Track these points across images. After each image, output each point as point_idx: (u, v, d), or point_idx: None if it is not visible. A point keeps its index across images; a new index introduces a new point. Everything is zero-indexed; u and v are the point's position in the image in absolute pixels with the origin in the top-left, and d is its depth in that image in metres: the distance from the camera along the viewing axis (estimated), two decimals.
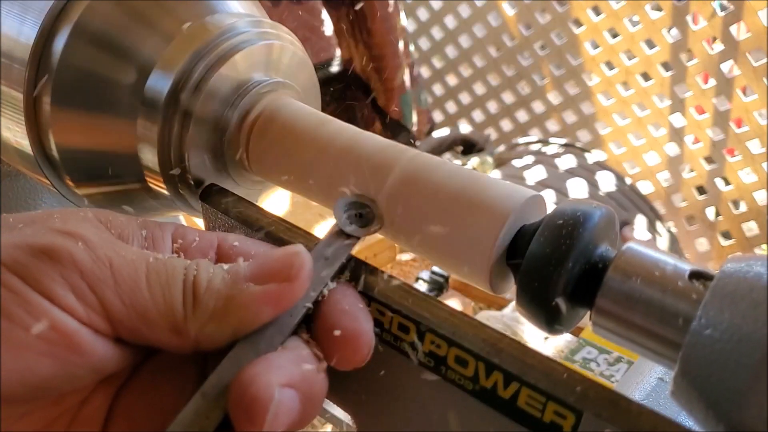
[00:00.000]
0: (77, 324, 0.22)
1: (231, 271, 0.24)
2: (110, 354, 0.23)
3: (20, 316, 0.21)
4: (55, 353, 0.21)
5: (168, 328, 0.23)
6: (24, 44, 0.32)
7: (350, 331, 0.24)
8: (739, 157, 1.29)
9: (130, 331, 0.23)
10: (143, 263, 0.23)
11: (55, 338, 0.21)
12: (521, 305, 0.26)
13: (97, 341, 0.22)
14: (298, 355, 0.23)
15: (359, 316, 0.25)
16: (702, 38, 1.25)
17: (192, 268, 0.24)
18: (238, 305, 0.23)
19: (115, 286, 0.22)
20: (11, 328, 0.21)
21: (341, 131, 0.31)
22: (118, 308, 0.22)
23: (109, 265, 0.23)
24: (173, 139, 0.31)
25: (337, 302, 0.25)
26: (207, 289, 0.23)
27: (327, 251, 0.26)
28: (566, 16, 1.41)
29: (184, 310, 0.23)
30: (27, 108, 0.33)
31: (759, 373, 0.20)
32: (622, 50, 1.36)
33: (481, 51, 1.58)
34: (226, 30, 0.32)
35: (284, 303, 0.23)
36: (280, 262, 0.24)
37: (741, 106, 1.24)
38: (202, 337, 0.23)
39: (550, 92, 1.52)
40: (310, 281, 0.24)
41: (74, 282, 0.22)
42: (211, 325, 0.23)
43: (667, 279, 0.23)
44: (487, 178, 0.28)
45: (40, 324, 0.21)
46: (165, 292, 0.23)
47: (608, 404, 0.22)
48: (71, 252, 0.22)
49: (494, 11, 1.52)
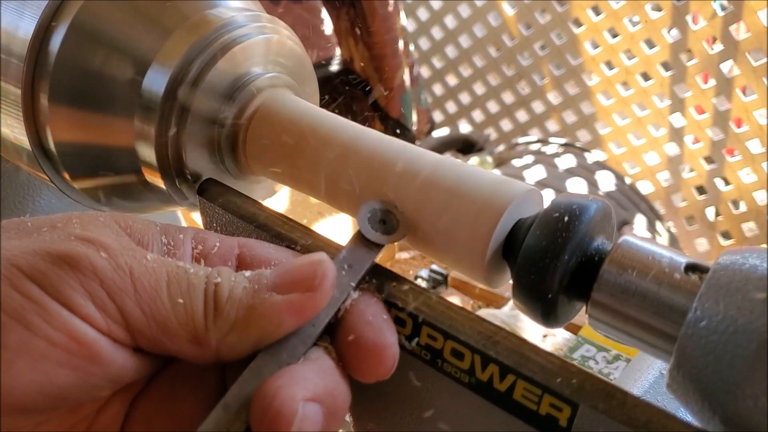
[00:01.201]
0: (96, 334, 0.22)
1: (253, 279, 0.23)
2: (129, 364, 0.23)
3: (39, 326, 0.21)
4: (73, 363, 0.21)
5: (188, 338, 0.22)
6: (22, 40, 0.32)
7: (374, 343, 0.23)
8: (739, 157, 1.29)
9: (150, 340, 0.23)
10: (164, 271, 0.23)
11: (74, 348, 0.21)
12: (517, 299, 0.26)
13: (116, 351, 0.22)
14: (321, 366, 0.23)
15: (383, 328, 0.24)
16: (702, 38, 1.25)
17: (213, 277, 0.23)
18: (260, 315, 0.22)
19: (135, 295, 0.22)
20: (30, 338, 0.21)
21: (341, 127, 0.31)
22: (138, 318, 0.22)
23: (129, 273, 0.22)
24: (171, 134, 0.31)
25: (360, 313, 0.24)
26: (229, 299, 0.23)
27: (350, 259, 0.26)
28: (566, 16, 1.41)
29: (205, 320, 0.22)
30: (25, 103, 0.33)
31: (754, 365, 0.20)
32: (622, 50, 1.36)
33: (481, 51, 1.58)
34: (224, 24, 0.32)
35: (307, 313, 0.23)
36: (303, 272, 0.23)
37: (741, 106, 1.24)
38: (224, 348, 0.23)
39: (550, 92, 1.52)
40: (334, 291, 0.24)
41: (94, 291, 0.22)
42: (232, 335, 0.22)
43: (662, 272, 0.24)
44: (483, 172, 0.28)
45: (59, 334, 0.21)
46: (186, 301, 0.22)
47: (604, 396, 0.22)
48: (91, 260, 0.22)
49: (494, 11, 1.52)
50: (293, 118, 0.32)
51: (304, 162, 0.31)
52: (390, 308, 0.26)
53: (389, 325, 0.24)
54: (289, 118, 0.32)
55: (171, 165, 0.32)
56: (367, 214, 0.27)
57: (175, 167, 0.32)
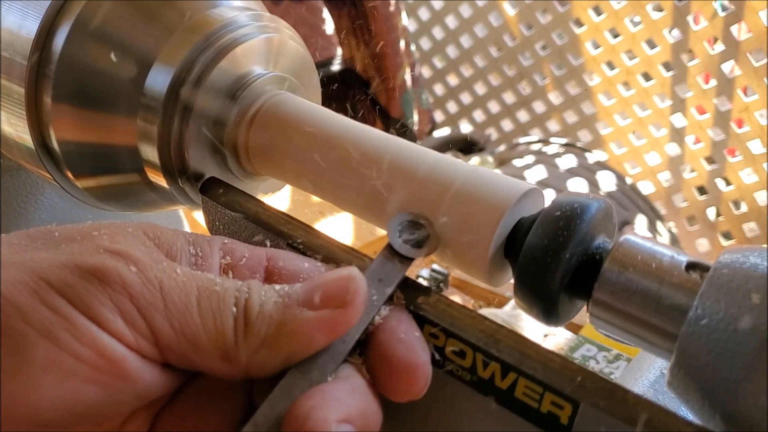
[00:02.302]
0: (125, 350, 0.21)
1: (283, 294, 0.23)
2: (157, 380, 0.22)
3: (67, 341, 0.20)
4: (101, 380, 0.21)
5: (218, 354, 0.22)
6: (25, 39, 0.32)
7: (407, 362, 0.23)
8: (740, 157, 1.29)
9: (178, 356, 0.22)
10: (194, 286, 0.22)
11: (102, 365, 0.21)
12: (519, 297, 0.26)
13: (144, 367, 0.22)
14: (352, 385, 0.22)
15: (416, 346, 0.23)
16: (703, 38, 1.25)
17: (243, 291, 0.23)
18: (290, 332, 0.22)
19: (165, 311, 0.22)
20: (58, 354, 0.20)
21: (343, 125, 0.31)
22: (167, 333, 0.22)
23: (159, 288, 0.22)
24: (173, 134, 0.32)
25: (392, 329, 0.24)
26: (259, 314, 0.22)
27: (380, 273, 0.25)
28: (567, 16, 1.41)
29: (235, 336, 0.22)
30: (28, 102, 0.33)
31: (754, 363, 0.20)
32: (623, 50, 1.36)
33: (482, 51, 1.58)
34: (227, 24, 0.32)
35: (339, 330, 0.22)
36: (335, 287, 0.23)
37: (742, 107, 1.24)
38: (253, 365, 0.22)
39: (551, 92, 1.52)
40: (365, 306, 0.23)
41: (123, 306, 0.21)
42: (262, 352, 0.22)
43: (663, 270, 0.24)
44: (485, 171, 0.28)
45: (87, 350, 0.21)
46: (216, 317, 0.22)
47: (605, 394, 0.22)
48: (121, 274, 0.22)
49: (495, 11, 1.52)
50: (295, 117, 0.32)
51: (306, 161, 0.31)
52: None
53: (421, 342, 0.24)
54: (291, 118, 0.32)
55: (174, 164, 0.32)
56: (397, 227, 0.27)
57: (178, 166, 0.32)
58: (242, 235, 0.31)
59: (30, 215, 0.45)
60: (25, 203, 0.44)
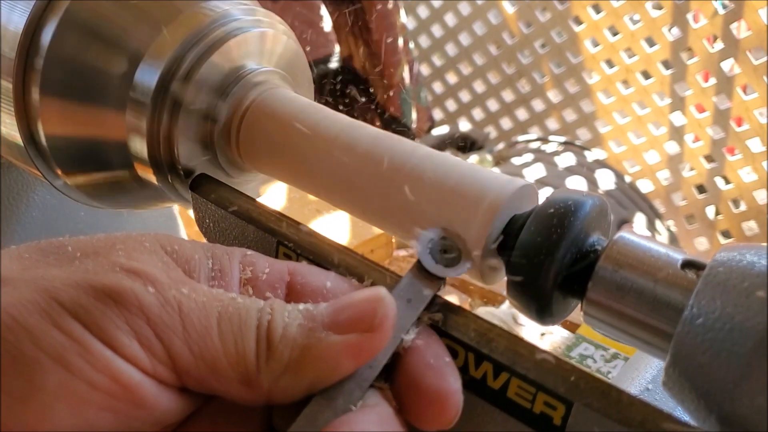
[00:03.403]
0: (141, 376, 0.20)
1: (307, 315, 0.22)
2: (174, 405, 0.21)
3: (81, 368, 0.19)
4: (116, 408, 0.20)
5: (239, 379, 0.21)
6: (13, 33, 0.32)
7: (437, 391, 0.22)
8: (740, 155, 1.29)
9: (197, 381, 0.21)
10: (215, 307, 0.21)
11: (117, 392, 0.20)
12: (512, 295, 0.26)
13: (161, 393, 0.21)
14: (380, 415, 0.21)
15: (446, 372, 0.22)
16: (702, 36, 1.25)
17: (266, 312, 0.22)
18: (315, 357, 0.21)
19: (183, 334, 0.21)
20: (71, 380, 0.19)
21: (335, 121, 0.31)
22: (185, 358, 0.21)
23: (178, 309, 0.21)
24: (162, 129, 0.31)
25: (421, 354, 0.22)
26: (282, 338, 0.21)
27: (409, 293, 0.24)
28: (566, 14, 1.41)
29: (257, 360, 0.21)
30: (16, 98, 0.32)
31: (751, 363, 0.20)
32: (623, 48, 1.36)
33: (481, 49, 1.58)
34: (218, 17, 0.32)
35: (366, 355, 0.21)
36: (362, 309, 0.21)
37: (741, 105, 1.24)
38: (276, 390, 0.21)
39: (550, 90, 1.52)
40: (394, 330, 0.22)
41: (140, 329, 0.20)
42: (285, 377, 0.21)
43: (659, 268, 0.23)
44: (478, 168, 0.27)
45: (101, 376, 0.20)
46: (237, 340, 0.21)
47: (599, 395, 0.22)
48: (137, 295, 0.21)
49: (494, 9, 1.52)
50: (288, 113, 0.32)
51: (298, 157, 0.31)
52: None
53: (452, 368, 0.23)
54: (283, 113, 0.32)
55: (163, 160, 0.32)
56: (428, 245, 0.25)
57: (168, 162, 0.32)
58: (232, 232, 0.30)
59: (22, 213, 0.44)
60: (17, 201, 0.44)
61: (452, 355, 0.24)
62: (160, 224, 0.52)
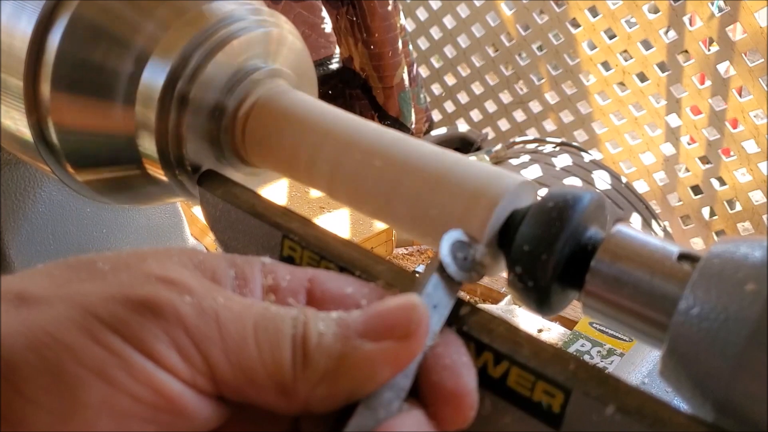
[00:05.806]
0: (182, 386, 0.20)
1: (341, 324, 0.21)
2: (212, 414, 0.21)
3: (122, 381, 0.19)
4: (159, 419, 0.20)
5: (276, 389, 0.21)
6: (23, 32, 0.32)
7: (452, 391, 0.22)
8: (735, 157, 1.29)
9: (234, 390, 0.21)
10: (250, 315, 0.21)
11: (159, 403, 0.20)
12: (512, 287, 0.26)
13: (200, 403, 0.20)
14: (417, 418, 0.21)
15: (462, 373, 0.22)
16: (698, 39, 1.25)
17: (300, 321, 0.21)
18: (352, 365, 0.21)
19: (221, 343, 0.20)
20: (113, 394, 0.19)
21: (339, 118, 0.32)
22: (223, 367, 0.20)
23: (215, 318, 0.21)
24: (170, 126, 0.32)
25: (439, 355, 0.22)
26: (318, 346, 0.21)
27: (435, 298, 0.24)
28: (563, 17, 1.42)
29: (294, 369, 0.21)
30: (27, 96, 0.33)
31: (745, 352, 0.20)
32: (619, 51, 1.36)
33: (479, 51, 1.58)
34: (224, 17, 0.32)
35: (403, 363, 0.21)
36: (397, 317, 0.21)
37: (737, 107, 1.25)
38: (313, 400, 0.21)
39: (547, 92, 1.53)
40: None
41: (179, 339, 0.20)
42: (322, 386, 0.21)
43: (655, 261, 0.24)
44: (479, 164, 0.28)
45: (143, 388, 0.19)
46: (274, 349, 0.21)
47: (597, 383, 0.22)
48: (175, 306, 0.20)
49: (492, 11, 1.52)
50: (292, 111, 0.32)
51: (302, 154, 0.31)
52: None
53: (469, 369, 0.23)
54: (288, 111, 0.32)
55: (171, 157, 0.32)
56: (450, 249, 0.25)
57: (176, 159, 0.32)
58: (239, 226, 0.31)
59: (28, 208, 0.45)
60: (24, 196, 0.45)
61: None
62: (165, 220, 0.53)
